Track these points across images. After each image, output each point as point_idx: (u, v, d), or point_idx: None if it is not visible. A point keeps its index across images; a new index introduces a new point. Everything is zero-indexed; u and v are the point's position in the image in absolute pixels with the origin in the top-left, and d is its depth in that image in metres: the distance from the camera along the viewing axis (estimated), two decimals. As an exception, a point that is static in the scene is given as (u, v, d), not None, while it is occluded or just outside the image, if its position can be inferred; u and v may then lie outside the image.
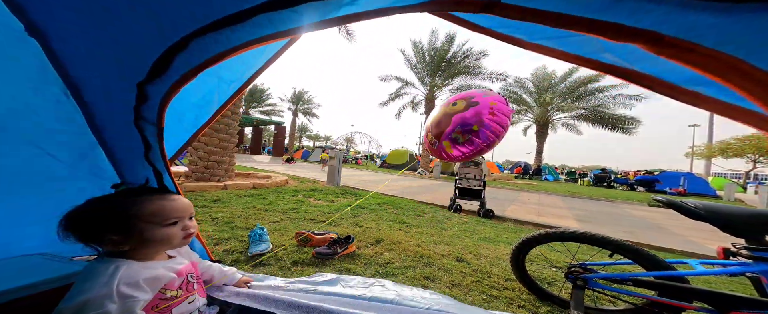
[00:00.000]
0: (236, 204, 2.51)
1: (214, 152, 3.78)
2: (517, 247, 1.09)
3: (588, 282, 0.90)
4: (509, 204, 4.38)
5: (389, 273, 1.27)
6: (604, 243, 0.90)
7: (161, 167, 0.61)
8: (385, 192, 4.55)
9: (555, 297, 1.03)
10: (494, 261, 1.51)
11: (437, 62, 11.74)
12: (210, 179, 3.65)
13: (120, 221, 0.49)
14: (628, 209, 5.00)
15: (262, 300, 0.73)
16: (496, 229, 2.39)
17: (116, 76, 0.44)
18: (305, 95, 22.19)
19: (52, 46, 0.40)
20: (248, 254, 1.33)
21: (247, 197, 2.90)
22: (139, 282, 0.49)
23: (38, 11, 0.37)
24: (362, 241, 1.73)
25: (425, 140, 1.20)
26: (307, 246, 1.55)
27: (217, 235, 1.59)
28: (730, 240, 0.75)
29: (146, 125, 0.50)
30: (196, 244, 0.86)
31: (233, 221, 1.92)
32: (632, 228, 3.19)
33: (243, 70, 0.62)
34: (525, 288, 1.11)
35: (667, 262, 0.84)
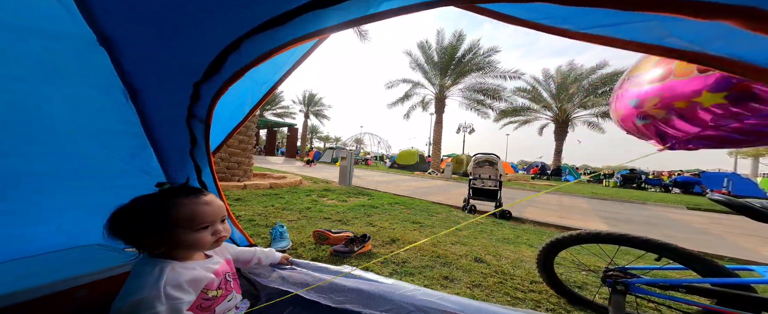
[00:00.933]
0: (256, 203, 2.63)
1: (234, 153, 3.98)
2: (545, 248, 1.04)
3: (629, 287, 0.83)
4: (527, 205, 4.20)
5: (407, 272, 1.26)
6: (650, 246, 0.82)
7: (204, 163, 0.66)
8: (396, 192, 4.54)
9: (589, 301, 0.96)
10: (516, 262, 1.46)
11: (446, 61, 11.54)
12: (231, 179, 3.85)
13: (159, 224, 0.51)
14: (664, 212, 4.60)
15: (305, 279, 0.77)
16: (515, 230, 2.30)
17: (175, 78, 0.48)
18: (316, 97, 22.79)
19: (118, 54, 0.45)
20: None
21: (266, 196, 3.02)
22: (182, 283, 0.50)
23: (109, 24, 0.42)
24: (377, 240, 1.73)
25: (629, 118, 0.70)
26: (324, 244, 1.59)
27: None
28: None
29: (196, 122, 0.54)
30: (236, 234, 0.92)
31: (254, 219, 2.01)
32: (672, 232, 2.93)
33: (273, 72, 0.65)
34: (553, 291, 1.05)
35: (727, 268, 0.76)
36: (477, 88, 11.99)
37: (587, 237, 0.92)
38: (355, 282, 0.78)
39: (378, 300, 0.72)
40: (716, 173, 10.21)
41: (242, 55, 0.43)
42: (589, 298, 0.98)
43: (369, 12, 0.39)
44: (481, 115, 12.90)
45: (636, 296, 0.85)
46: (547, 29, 0.40)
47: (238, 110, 0.72)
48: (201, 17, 0.38)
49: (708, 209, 5.02)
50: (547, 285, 1.07)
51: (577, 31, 0.39)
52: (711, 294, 0.73)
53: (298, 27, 0.39)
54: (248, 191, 3.25)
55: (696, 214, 4.50)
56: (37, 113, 0.52)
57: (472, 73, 11.49)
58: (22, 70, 0.46)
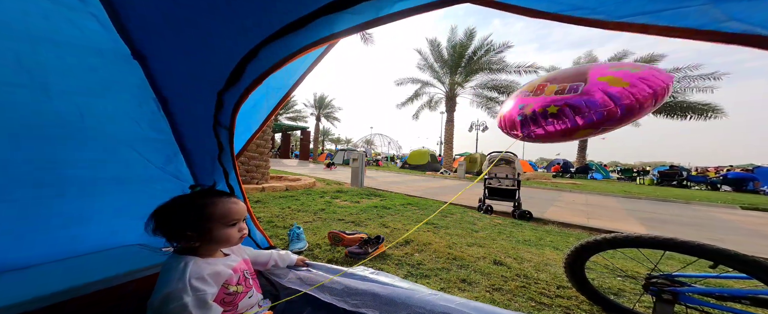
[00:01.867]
0: (273, 205, 2.73)
1: (253, 157, 4.18)
2: (574, 251, 0.96)
3: (678, 296, 0.74)
4: (549, 205, 3.96)
5: (422, 274, 1.24)
6: (705, 252, 0.72)
7: (229, 166, 0.70)
8: (408, 193, 4.49)
9: (627, 310, 0.87)
10: (539, 266, 1.37)
11: (457, 60, 11.27)
12: (250, 182, 4.05)
13: (197, 219, 0.56)
14: (713, 212, 4.10)
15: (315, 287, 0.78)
16: (536, 232, 2.17)
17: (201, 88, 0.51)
18: (326, 100, 23.32)
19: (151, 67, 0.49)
20: (289, 250, 1.43)
21: (282, 198, 3.14)
22: (205, 276, 0.54)
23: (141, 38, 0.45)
24: (391, 242, 1.72)
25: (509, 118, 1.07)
26: (339, 246, 1.61)
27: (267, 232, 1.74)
28: None
29: (221, 129, 0.58)
30: (257, 235, 0.96)
31: (273, 220, 2.09)
32: (723, 235, 2.60)
33: (287, 78, 0.67)
34: (585, 297, 0.97)
35: None
36: (490, 85, 11.57)
37: (625, 240, 0.83)
38: (370, 285, 0.78)
39: (395, 304, 0.71)
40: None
41: (260, 62, 0.45)
42: (628, 307, 0.89)
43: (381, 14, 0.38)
44: (492, 114, 12.43)
45: (687, 306, 0.76)
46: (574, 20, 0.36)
47: (256, 115, 0.76)
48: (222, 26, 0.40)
49: (767, 208, 4.40)
50: (578, 291, 0.99)
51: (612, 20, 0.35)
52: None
53: (312, 32, 0.40)
54: (266, 194, 3.39)
55: (752, 215, 3.96)
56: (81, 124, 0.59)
57: (484, 71, 11.11)
58: (69, 83, 0.52)
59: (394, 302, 0.71)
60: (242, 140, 0.80)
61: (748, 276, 0.70)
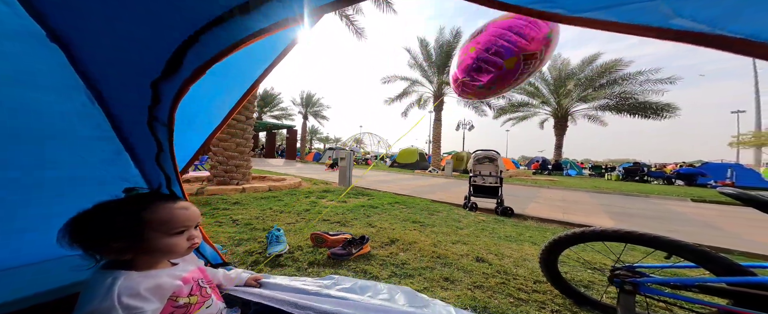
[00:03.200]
0: (254, 206, 2.60)
1: (232, 156, 3.95)
2: (547, 247, 1.00)
3: (639, 287, 0.79)
4: (529, 202, 4.15)
5: (406, 274, 1.23)
6: (660, 244, 0.78)
7: (170, 170, 0.62)
8: (397, 191, 4.50)
9: (596, 302, 0.92)
10: (518, 261, 1.42)
11: (444, 59, 11.46)
12: (229, 183, 3.82)
13: (129, 227, 0.48)
14: (669, 205, 4.54)
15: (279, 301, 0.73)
16: (517, 228, 2.26)
17: (133, 76, 0.44)
18: (314, 98, 22.73)
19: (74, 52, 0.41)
20: (267, 254, 1.36)
21: (264, 199, 2.99)
22: (141, 292, 0.47)
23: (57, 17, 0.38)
24: (376, 241, 1.70)
25: (455, 87, 1.38)
26: (322, 247, 1.55)
27: (237, 236, 1.64)
28: None
29: (158, 126, 0.50)
30: (207, 249, 0.88)
31: (252, 223, 1.98)
32: (677, 226, 2.88)
33: (251, 69, 0.61)
34: (558, 291, 1.02)
35: (743, 266, 0.71)
36: (475, 84, 11.88)
37: (591, 235, 0.88)
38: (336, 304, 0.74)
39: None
40: (719, 163, 10.05)
41: (203, 49, 0.39)
42: (596, 299, 0.94)
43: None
44: (478, 112, 12.84)
45: (645, 296, 0.81)
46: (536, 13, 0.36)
47: (216, 110, 0.68)
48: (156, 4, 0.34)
49: (713, 201, 4.96)
50: (552, 285, 1.03)
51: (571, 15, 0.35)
52: (727, 293, 0.69)
53: (265, 15, 0.35)
54: (247, 195, 3.22)
55: (702, 206, 4.44)
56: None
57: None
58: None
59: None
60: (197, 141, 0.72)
61: (697, 265, 0.76)
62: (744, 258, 1.90)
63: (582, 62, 13.32)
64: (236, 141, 4.01)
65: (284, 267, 1.26)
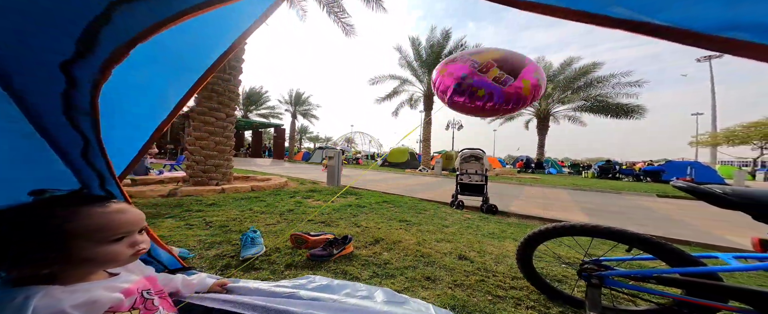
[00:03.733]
0: (233, 207, 2.46)
1: (210, 155, 3.73)
2: (523, 243, 1.01)
3: (604, 280, 0.82)
4: (513, 199, 4.29)
5: (388, 274, 1.20)
6: (621, 237, 0.82)
7: (102, 167, 0.54)
8: (386, 191, 4.48)
9: (567, 296, 0.95)
10: (499, 258, 1.44)
11: (434, 58, 11.60)
12: (208, 183, 3.61)
13: (47, 239, 0.41)
14: (637, 200, 4.88)
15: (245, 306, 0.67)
16: (500, 225, 2.31)
17: (40, 57, 0.36)
18: (303, 96, 22.13)
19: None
20: (240, 258, 1.28)
21: (245, 200, 2.85)
22: (66, 309, 0.40)
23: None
24: (361, 241, 1.66)
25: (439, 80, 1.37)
26: (302, 248, 1.49)
27: (209, 239, 1.53)
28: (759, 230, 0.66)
29: (79, 116, 0.43)
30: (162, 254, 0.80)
31: (228, 224, 1.87)
32: (643, 220, 3.09)
33: (198, 57, 0.54)
34: (534, 287, 1.04)
35: (694, 257, 0.75)
36: (464, 85, 12.15)
37: (562, 229, 0.90)
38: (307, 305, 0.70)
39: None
40: (680, 162, 11.03)
41: (117, 28, 0.33)
42: (568, 293, 0.97)
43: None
44: (468, 112, 13.12)
45: (610, 289, 0.84)
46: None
47: (159, 102, 0.60)
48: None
49: (675, 196, 5.40)
50: (528, 281, 1.05)
51: (522, 0, 0.34)
52: (680, 284, 0.73)
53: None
54: (226, 195, 3.06)
55: (665, 201, 4.82)
56: None
57: (459, 71, 11.63)
58: None
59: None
60: (142, 134, 0.64)
61: (654, 257, 0.80)
62: (700, 249, 2.07)
63: (561, 66, 14.08)
64: (215, 139, 3.80)
65: (259, 270, 1.19)
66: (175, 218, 2.00)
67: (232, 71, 4.02)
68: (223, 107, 3.91)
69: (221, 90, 3.90)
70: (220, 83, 3.89)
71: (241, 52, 4.18)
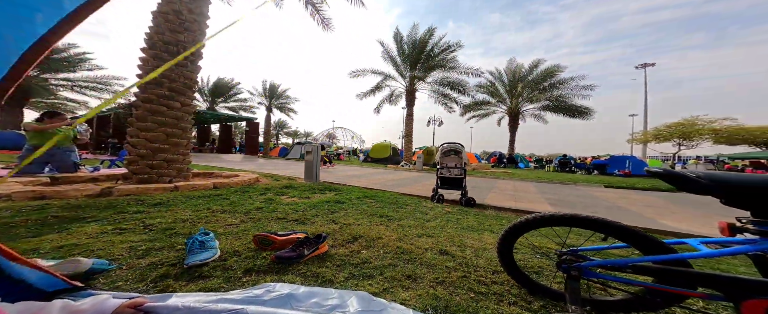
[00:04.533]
0: (185, 207, 2.11)
1: (161, 149, 3.20)
2: (503, 236, 0.98)
3: (583, 271, 0.81)
4: (488, 192, 4.49)
5: (366, 274, 1.09)
6: (598, 226, 0.81)
7: None
8: (367, 186, 4.36)
9: (547, 289, 0.93)
10: (479, 251, 1.42)
11: (417, 55, 11.63)
12: (158, 181, 3.09)
13: None
14: (589, 190, 5.49)
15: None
16: (478, 217, 2.35)
17: None
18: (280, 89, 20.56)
19: None
20: (184, 265, 1.05)
21: (203, 198, 2.49)
22: None
23: None
24: (337, 239, 1.52)
25: None
26: (267, 250, 1.30)
27: (145, 246, 1.25)
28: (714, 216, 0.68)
29: None
30: (28, 273, 0.57)
31: (174, 227, 1.57)
32: (596, 209, 3.45)
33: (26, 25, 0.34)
34: (514, 281, 1.01)
35: (666, 244, 0.76)
36: (444, 82, 12.48)
37: (542, 220, 0.88)
38: None
39: None
40: (621, 156, 12.98)
41: None
42: (546, 286, 0.96)
43: None
44: (447, 109, 13.56)
45: (587, 280, 0.83)
46: None
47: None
48: None
49: (618, 186, 6.22)
50: (509, 275, 1.02)
51: None
52: (654, 272, 0.72)
53: None
54: (179, 194, 2.63)
55: (611, 191, 5.50)
56: None
57: (440, 68, 11.89)
58: None
59: None
60: None
61: (628, 245, 0.80)
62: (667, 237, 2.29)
63: (530, 67, 15.33)
64: (167, 131, 3.26)
65: (208, 279, 0.98)
66: (101, 222, 1.62)
67: (188, 56, 3.47)
68: (177, 95, 3.37)
69: (174, 76, 3.34)
70: (172, 68, 3.33)
71: (200, 36, 3.61)
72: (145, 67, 3.24)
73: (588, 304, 0.84)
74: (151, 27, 3.31)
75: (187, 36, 3.43)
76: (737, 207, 0.64)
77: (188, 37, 3.45)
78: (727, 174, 0.66)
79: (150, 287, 0.91)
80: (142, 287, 0.91)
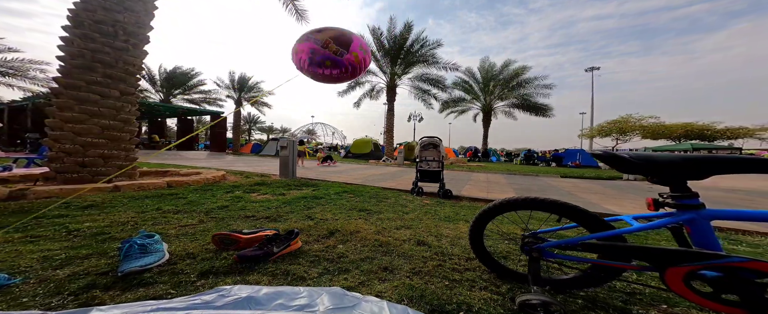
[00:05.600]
0: (127, 209, 1.80)
1: (93, 144, 2.68)
2: (474, 223, 1.02)
3: (543, 253, 0.87)
4: (464, 184, 4.73)
5: (341, 269, 1.03)
6: (552, 207, 0.88)
7: None
8: (348, 181, 4.25)
9: (513, 272, 0.99)
10: (454, 240, 1.46)
11: (397, 50, 11.61)
12: (90, 180, 2.59)
13: None
14: (547, 181, 6.13)
15: None
16: (454, 208, 2.44)
17: None
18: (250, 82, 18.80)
19: None
20: (118, 274, 0.87)
21: (151, 198, 2.15)
22: None
23: None
24: (312, 235, 1.43)
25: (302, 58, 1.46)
26: (230, 250, 1.16)
27: (64, 254, 1.02)
28: None
29: None
30: None
31: (108, 231, 1.32)
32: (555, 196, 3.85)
33: None
34: (485, 266, 1.06)
35: (606, 221, 0.84)
36: (424, 78, 12.72)
37: (507, 204, 0.93)
38: None
39: None
40: (573, 149, 15.04)
41: None
42: (513, 269, 1.02)
43: None
44: (427, 105, 13.90)
45: (546, 260, 0.90)
46: None
47: None
48: None
49: (572, 176, 7.08)
50: (480, 261, 1.07)
51: None
52: (597, 248, 0.79)
53: None
54: (120, 195, 2.24)
55: (566, 181, 6.23)
56: None
57: (421, 63, 12.07)
58: None
59: None
60: None
61: (578, 225, 0.88)
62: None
63: (501, 66, 16.52)
64: (102, 123, 2.73)
65: (149, 286, 0.83)
66: (4, 229, 1.28)
67: (128, 37, 2.91)
68: (114, 82, 2.84)
69: (110, 60, 2.79)
70: (108, 51, 2.78)
71: (145, 17, 3.05)
72: (70, 48, 2.65)
73: (548, 283, 0.90)
74: (76, 2, 2.70)
75: (127, 17, 2.88)
76: (660, 184, 0.73)
77: (129, 18, 2.90)
78: (651, 154, 0.75)
79: (68, 301, 0.74)
80: (58, 301, 0.73)
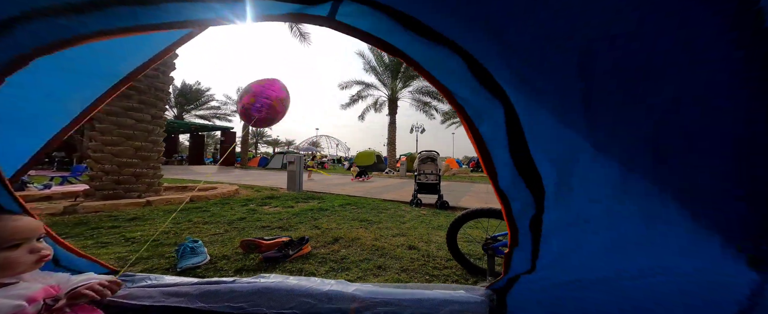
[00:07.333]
0: (164, 220, 2.10)
1: (129, 163, 3.07)
2: (449, 230, 1.28)
3: (496, 251, 1.12)
4: (464, 195, 4.90)
5: (344, 267, 1.28)
6: (490, 213, 1.17)
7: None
8: (350, 193, 4.50)
9: (479, 268, 1.24)
10: (441, 245, 1.68)
11: (396, 64, 12.29)
12: (126, 196, 2.95)
13: None
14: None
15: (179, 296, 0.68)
16: (448, 218, 2.64)
17: None
18: (259, 96, 19.88)
19: None
20: (177, 269, 1.15)
21: (181, 211, 2.46)
22: None
23: None
24: (319, 241, 1.68)
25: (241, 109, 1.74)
26: (254, 253, 1.43)
27: (132, 256, 1.31)
28: None
29: None
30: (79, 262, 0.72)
31: (158, 238, 1.61)
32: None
33: (115, 64, 0.53)
34: (460, 264, 1.29)
35: None
36: (423, 91, 13.28)
37: (473, 214, 1.22)
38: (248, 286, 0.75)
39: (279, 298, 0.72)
40: None
41: (17, 39, 0.34)
42: (479, 265, 1.27)
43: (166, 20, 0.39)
44: (428, 116, 14.34)
45: (499, 256, 1.14)
46: None
47: (59, 108, 0.55)
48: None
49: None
50: (456, 261, 1.30)
51: None
52: None
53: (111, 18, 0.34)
54: (154, 208, 2.57)
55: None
56: None
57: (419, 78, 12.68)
58: None
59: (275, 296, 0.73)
60: (36, 141, 0.56)
61: None
62: None
63: None
64: (136, 144, 3.15)
65: (202, 278, 1.10)
66: (78, 238, 1.60)
67: (159, 66, 3.44)
68: (146, 108, 3.29)
69: (144, 88, 3.28)
70: (142, 80, 3.28)
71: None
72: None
73: (499, 274, 1.15)
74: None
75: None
76: None
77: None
78: None
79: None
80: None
